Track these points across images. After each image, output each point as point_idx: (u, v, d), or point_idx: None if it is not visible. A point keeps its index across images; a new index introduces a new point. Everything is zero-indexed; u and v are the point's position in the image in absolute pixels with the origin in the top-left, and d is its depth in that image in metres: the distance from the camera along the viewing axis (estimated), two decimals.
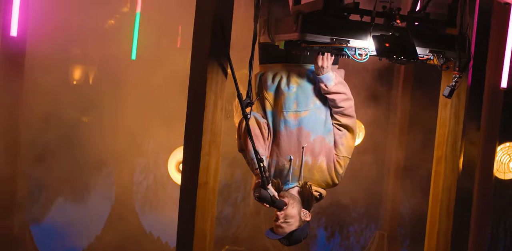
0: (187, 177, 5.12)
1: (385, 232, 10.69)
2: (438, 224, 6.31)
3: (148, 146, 12.07)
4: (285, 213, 4.94)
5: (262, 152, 5.04)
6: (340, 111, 5.08)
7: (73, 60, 12.20)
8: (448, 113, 5.92)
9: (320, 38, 4.50)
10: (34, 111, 9.85)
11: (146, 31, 10.71)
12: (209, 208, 4.97)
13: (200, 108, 4.88)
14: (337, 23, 4.46)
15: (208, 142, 4.90)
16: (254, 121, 5.12)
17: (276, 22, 4.92)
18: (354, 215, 11.62)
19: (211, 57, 4.85)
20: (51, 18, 9.66)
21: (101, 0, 10.52)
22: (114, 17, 12.18)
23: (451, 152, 6.04)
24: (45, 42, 9.48)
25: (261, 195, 4.81)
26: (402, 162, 10.83)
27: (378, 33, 4.39)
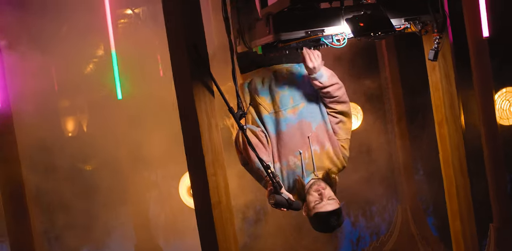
0: (199, 200, 5.01)
1: (407, 205, 10.62)
2: (456, 185, 6.23)
3: (156, 178, 11.95)
4: (326, 193, 4.97)
5: (267, 159, 5.02)
6: (335, 100, 5.07)
7: (63, 114, 12.14)
8: (438, 75, 5.84)
9: (295, 34, 4.45)
10: (35, 168, 9.78)
11: (126, 68, 10.64)
12: (228, 227, 4.87)
13: (195, 131, 4.78)
14: (308, 16, 4.41)
15: (211, 162, 4.79)
16: (249, 132, 5.10)
17: (248, 29, 4.86)
18: (372, 196, 11.55)
19: (194, 79, 4.73)
20: (30, 80, 9.59)
21: (75, 48, 10.36)
22: (92, 62, 12.12)
23: (451, 112, 5.96)
24: (30, 103, 9.41)
25: (276, 201, 4.74)
26: (406, 132, 10.75)
27: (350, 15, 4.34)
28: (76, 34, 10.38)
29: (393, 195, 11.47)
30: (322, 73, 4.93)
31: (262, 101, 5.17)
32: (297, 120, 5.08)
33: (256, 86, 5.22)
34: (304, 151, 5.07)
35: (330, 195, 4.99)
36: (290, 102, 5.10)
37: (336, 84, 5.00)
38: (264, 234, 10.75)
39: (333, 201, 4.99)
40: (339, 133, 5.16)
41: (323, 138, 5.10)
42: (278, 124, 5.11)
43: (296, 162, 5.09)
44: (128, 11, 11.62)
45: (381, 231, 11.32)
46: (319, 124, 5.11)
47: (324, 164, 5.13)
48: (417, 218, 10.57)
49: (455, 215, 6.46)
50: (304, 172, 5.08)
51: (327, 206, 4.95)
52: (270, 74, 5.23)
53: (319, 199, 4.97)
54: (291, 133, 5.08)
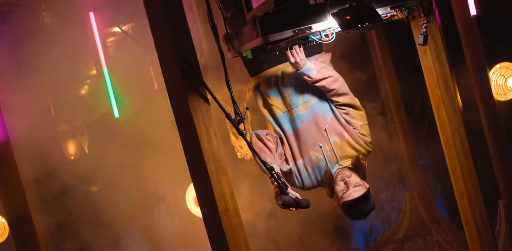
0: (206, 209, 4.99)
1: (414, 191, 10.59)
2: (460, 167, 6.21)
3: (163, 191, 11.93)
4: (352, 181, 5.02)
5: (271, 161, 5.05)
6: (334, 93, 5.08)
7: (63, 138, 12.12)
8: (430, 59, 5.81)
9: (283, 34, 4.42)
10: (42, 199, 9.80)
11: (120, 85, 10.62)
12: (238, 233, 4.83)
13: (195, 142, 4.74)
14: (294, 15, 4.37)
15: (214, 170, 4.74)
16: (255, 138, 5.18)
17: (236, 35, 4.83)
18: (379, 185, 11.53)
19: (188, 91, 4.69)
20: (25, 108, 9.57)
21: (67, 71, 10.35)
22: (86, 83, 12.10)
23: (447, 94, 5.93)
24: (28, 132, 9.39)
25: (284, 202, 4.76)
26: (405, 118, 10.73)
27: (335, 9, 4.30)
28: (67, 57, 10.35)
29: (399, 182, 11.44)
30: (309, 67, 4.93)
31: (274, 101, 5.23)
32: (311, 115, 5.12)
33: (266, 88, 5.27)
34: (323, 144, 5.11)
35: (356, 181, 5.04)
36: (300, 99, 5.14)
37: (329, 77, 4.99)
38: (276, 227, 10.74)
39: (360, 187, 5.04)
40: (352, 122, 5.18)
41: (339, 128, 5.14)
42: (293, 122, 5.17)
43: (318, 155, 5.14)
44: (115, 29, 11.59)
45: (392, 220, 11.29)
46: (333, 116, 5.15)
47: (347, 152, 5.16)
48: (426, 202, 10.54)
49: (462, 195, 6.44)
50: (329, 164, 5.12)
51: (353, 193, 5.00)
52: (276, 74, 5.26)
53: (345, 188, 5.00)
54: (307, 129, 5.12)
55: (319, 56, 5.35)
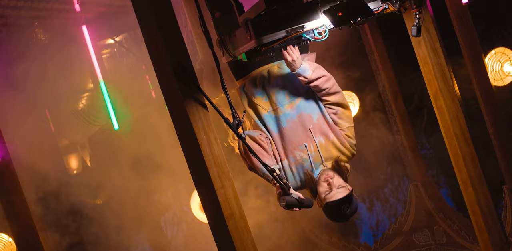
0: (211, 214, 4.94)
1: (418, 182, 10.57)
2: (462, 155, 6.22)
3: (168, 199, 11.90)
4: (335, 182, 4.94)
5: (270, 162, 5.01)
6: (326, 92, 5.04)
7: (64, 153, 12.08)
8: (425, 50, 5.81)
9: (277, 35, 4.41)
10: (48, 217, 9.80)
11: (117, 96, 10.61)
12: (245, 236, 4.79)
13: (195, 148, 4.70)
14: (286, 15, 4.36)
15: (217, 176, 4.70)
16: (249, 139, 5.11)
17: (230, 39, 4.82)
18: (382, 178, 11.53)
19: (185, 98, 4.64)
20: (25, 127, 9.56)
21: (64, 87, 10.34)
22: (83, 97, 12.10)
23: (444, 84, 5.93)
24: (30, 150, 9.38)
25: (287, 203, 4.74)
26: (404, 110, 10.70)
27: (327, 6, 4.29)
28: (62, 73, 10.35)
29: (403, 174, 11.43)
30: (305, 68, 4.90)
31: (259, 101, 5.18)
32: (296, 114, 5.07)
33: (251, 88, 5.22)
34: (309, 144, 5.06)
35: (339, 183, 4.97)
36: (286, 98, 5.09)
37: (322, 77, 4.96)
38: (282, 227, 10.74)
39: (343, 189, 4.96)
40: (340, 122, 5.13)
41: (326, 128, 5.09)
42: (279, 121, 5.12)
43: (303, 155, 5.08)
44: (109, 41, 11.59)
45: (398, 212, 11.27)
46: (319, 116, 5.10)
47: (332, 153, 5.12)
48: (431, 192, 10.52)
49: (466, 183, 6.44)
50: (313, 165, 5.07)
51: (337, 195, 4.93)
52: (262, 74, 5.23)
53: (328, 189, 4.96)
54: (292, 128, 5.08)
55: (305, 56, 5.32)
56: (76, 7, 9.35)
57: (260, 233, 10.04)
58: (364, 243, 11.23)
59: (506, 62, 9.37)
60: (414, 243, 10.61)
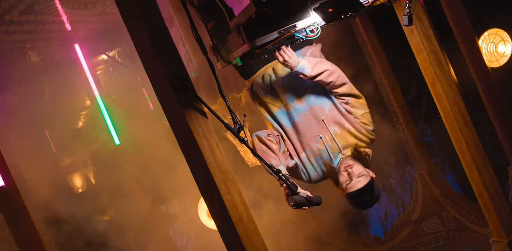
0: (220, 221, 4.93)
1: (422, 170, 10.56)
2: (464, 139, 6.24)
3: (174, 209, 11.86)
4: (355, 171, 4.95)
5: (276, 163, 5.01)
6: (332, 85, 5.04)
7: (68, 172, 12.09)
8: (418, 38, 5.81)
9: (269, 37, 4.40)
10: (59, 236, 9.78)
11: (116, 111, 10.61)
12: (255, 240, 4.77)
13: (198, 156, 4.68)
14: (276, 16, 4.35)
15: (222, 182, 4.68)
16: (257, 140, 5.13)
17: (223, 45, 4.81)
18: (387, 169, 11.49)
19: (183, 107, 4.62)
20: (27, 150, 9.56)
21: (62, 107, 10.35)
22: (82, 115, 12.09)
23: (440, 71, 5.93)
24: (33, 172, 9.38)
25: (296, 202, 4.72)
26: (402, 100, 10.68)
27: (317, 4, 4.27)
28: (59, 93, 10.36)
29: (407, 163, 11.40)
30: (303, 65, 4.88)
31: (268, 99, 5.21)
32: (307, 107, 5.08)
33: (259, 87, 5.25)
34: (324, 134, 5.05)
35: (359, 171, 4.97)
36: (295, 93, 5.11)
37: (325, 71, 4.94)
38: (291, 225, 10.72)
39: (363, 177, 4.96)
40: (353, 111, 5.14)
41: (339, 118, 5.10)
42: (291, 116, 5.14)
43: (319, 147, 5.09)
44: (103, 57, 11.60)
45: (405, 202, 11.23)
46: (331, 106, 5.11)
47: (349, 141, 5.12)
48: (436, 179, 10.48)
49: (470, 167, 6.45)
50: (331, 154, 5.08)
51: (357, 184, 4.94)
52: (268, 72, 5.23)
53: (348, 178, 4.96)
54: (305, 121, 5.09)
55: (309, 48, 5.31)
56: (66, 26, 9.36)
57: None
58: (374, 235, 11.22)
59: (500, 43, 9.34)
60: (424, 231, 10.60)
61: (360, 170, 4.99)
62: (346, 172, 4.98)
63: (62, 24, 9.19)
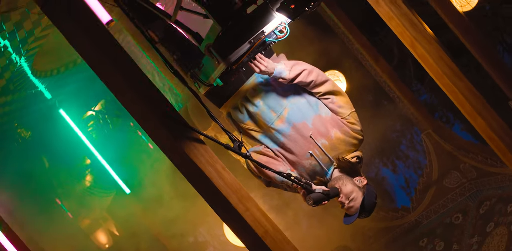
0: (246, 238, 4.79)
1: (428, 129, 10.53)
2: (458, 90, 6.22)
3: (203, 237, 11.87)
4: (344, 194, 4.76)
5: (284, 169, 4.87)
6: (313, 85, 4.87)
7: (90, 231, 12.04)
8: (384, 6, 5.74)
9: (242, 49, 4.32)
10: None
11: (117, 160, 10.60)
12: (286, 247, 4.65)
13: (207, 183, 4.56)
14: (242, 27, 4.25)
15: (237, 201, 4.58)
16: (256, 154, 4.96)
17: (200, 70, 4.74)
18: (394, 137, 11.49)
19: (179, 141, 4.51)
20: (44, 221, 9.57)
21: (65, 171, 10.35)
22: (87, 173, 12.12)
23: (416, 31, 5.88)
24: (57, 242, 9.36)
25: (315, 200, 4.62)
26: (388, 67, 10.64)
27: (278, 4, 4.18)
28: (58, 159, 10.34)
29: (411, 126, 11.41)
30: (280, 70, 4.74)
31: (249, 126, 5.00)
32: (290, 127, 4.87)
33: (237, 115, 5.05)
34: (313, 150, 4.90)
35: (347, 192, 4.77)
36: (272, 114, 4.89)
37: (303, 72, 4.79)
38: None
39: (354, 198, 4.78)
40: (339, 111, 4.92)
41: (325, 128, 4.87)
42: (275, 139, 4.94)
43: (311, 162, 4.91)
44: (89, 113, 11.57)
45: (421, 164, 11.22)
46: (314, 117, 4.88)
47: (339, 149, 4.91)
48: (444, 134, 10.49)
49: (472, 115, 6.43)
50: (324, 167, 4.90)
51: (350, 210, 4.81)
52: (241, 99, 5.03)
53: (340, 204, 4.83)
54: (291, 141, 4.89)
55: (278, 60, 5.17)
56: (46, 95, 9.29)
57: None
58: (401, 206, 11.21)
59: None
60: (448, 188, 10.57)
61: (348, 189, 4.79)
62: (341, 201, 4.85)
63: (41, 94, 9.13)
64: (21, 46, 6.61)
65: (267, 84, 4.93)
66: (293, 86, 4.88)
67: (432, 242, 10.29)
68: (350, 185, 4.79)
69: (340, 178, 4.83)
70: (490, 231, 9.11)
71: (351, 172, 4.88)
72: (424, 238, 10.57)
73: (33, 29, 6.40)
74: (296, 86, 4.89)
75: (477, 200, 10.05)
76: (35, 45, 6.89)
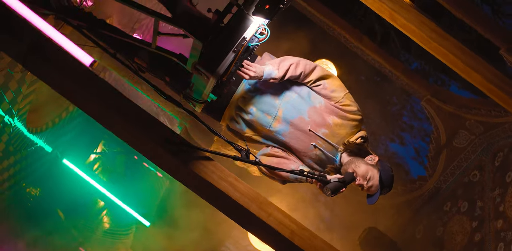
0: (274, 241, 4.83)
1: (425, 95, 10.54)
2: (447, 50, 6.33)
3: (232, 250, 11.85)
4: (360, 176, 4.80)
5: (296, 166, 4.88)
6: (304, 76, 4.88)
7: None
8: None
9: (227, 60, 4.29)
10: None
11: (128, 195, 10.62)
12: (317, 242, 4.71)
13: (225, 198, 4.60)
14: (222, 38, 4.21)
15: (258, 209, 4.62)
16: (265, 157, 4.99)
17: (191, 89, 4.74)
18: (394, 109, 11.50)
19: (188, 164, 4.53)
20: None
21: (82, 220, 10.38)
22: (103, 215, 12.24)
23: (392, 3, 5.92)
24: None
25: (332, 189, 4.61)
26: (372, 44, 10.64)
27: (252, 7, 4.16)
28: (74, 210, 10.34)
29: (409, 97, 11.42)
30: (269, 71, 4.72)
31: (249, 133, 5.03)
32: (287, 125, 4.90)
33: (235, 126, 5.08)
34: (316, 141, 4.90)
35: (363, 172, 4.81)
36: (268, 118, 4.91)
37: (290, 66, 4.80)
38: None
39: (371, 181, 4.81)
40: (333, 95, 4.91)
41: (321, 117, 4.89)
42: (277, 139, 4.97)
43: (317, 153, 4.93)
44: (92, 157, 11.60)
45: (427, 131, 11.25)
46: (309, 109, 4.90)
47: (341, 134, 4.94)
48: (443, 97, 10.48)
49: (466, 71, 6.49)
50: (331, 154, 4.93)
51: (371, 189, 4.83)
52: (234, 110, 5.04)
53: (359, 186, 4.83)
54: (293, 138, 4.92)
55: (265, 60, 5.16)
56: (47, 149, 9.31)
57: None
58: (417, 176, 11.21)
59: None
60: (459, 148, 10.56)
61: (363, 169, 4.83)
62: (359, 185, 4.86)
63: (42, 149, 9.15)
64: (11, 107, 6.60)
65: (255, 90, 4.93)
66: (281, 84, 4.90)
67: (455, 204, 10.26)
68: (364, 165, 4.82)
69: (352, 161, 4.86)
70: (510, 181, 9.09)
71: (361, 153, 4.91)
72: (447, 202, 10.53)
73: (19, 87, 6.39)
74: (284, 83, 4.89)
75: (490, 154, 10.02)
76: (25, 103, 6.88)
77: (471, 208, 9.78)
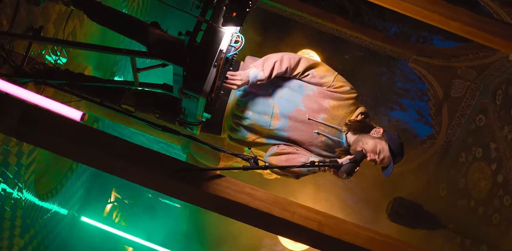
0: (305, 237, 4.89)
1: (412, 56, 10.56)
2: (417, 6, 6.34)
3: None
4: (370, 152, 4.83)
5: (306, 159, 4.89)
6: (291, 69, 4.91)
7: None
8: None
9: (211, 76, 4.29)
10: None
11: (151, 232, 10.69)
12: (345, 226, 4.77)
13: (246, 210, 4.66)
14: (200, 56, 4.20)
15: (282, 211, 4.67)
16: (274, 157, 5.03)
17: (184, 115, 4.78)
18: (385, 78, 11.55)
19: (201, 187, 4.59)
20: None
21: None
22: None
23: None
24: None
25: (347, 171, 4.65)
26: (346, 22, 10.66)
27: (220, 19, 4.17)
28: None
29: (396, 62, 11.48)
30: (254, 74, 4.75)
31: (252, 137, 5.07)
32: (286, 119, 4.95)
33: (237, 134, 5.11)
34: (318, 128, 4.94)
35: (371, 146, 4.83)
36: (265, 118, 4.96)
37: (275, 64, 4.81)
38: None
39: (383, 153, 4.83)
40: (323, 81, 4.95)
41: (317, 104, 4.95)
42: (280, 136, 5.02)
43: (322, 140, 4.99)
44: (109, 207, 11.73)
45: (423, 90, 11.36)
46: (303, 98, 4.95)
47: (340, 115, 4.99)
48: (429, 52, 10.63)
49: (444, 22, 6.77)
50: (336, 138, 4.99)
51: (384, 161, 4.85)
52: (232, 118, 5.08)
53: (372, 161, 4.85)
54: (294, 131, 4.98)
55: (249, 64, 5.15)
56: (62, 212, 9.37)
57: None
58: (426, 136, 11.25)
59: None
60: (458, 98, 10.64)
61: (371, 144, 4.86)
62: (371, 160, 4.88)
63: (58, 213, 9.19)
64: (17, 182, 6.60)
65: (246, 94, 4.96)
66: (270, 82, 4.91)
67: (470, 153, 10.30)
68: (371, 140, 4.84)
69: (358, 139, 4.89)
70: None
71: (365, 129, 4.95)
72: (461, 153, 10.58)
73: (19, 160, 6.39)
74: (273, 80, 4.92)
75: (489, 94, 10.06)
76: (29, 174, 6.89)
77: (485, 152, 9.82)
